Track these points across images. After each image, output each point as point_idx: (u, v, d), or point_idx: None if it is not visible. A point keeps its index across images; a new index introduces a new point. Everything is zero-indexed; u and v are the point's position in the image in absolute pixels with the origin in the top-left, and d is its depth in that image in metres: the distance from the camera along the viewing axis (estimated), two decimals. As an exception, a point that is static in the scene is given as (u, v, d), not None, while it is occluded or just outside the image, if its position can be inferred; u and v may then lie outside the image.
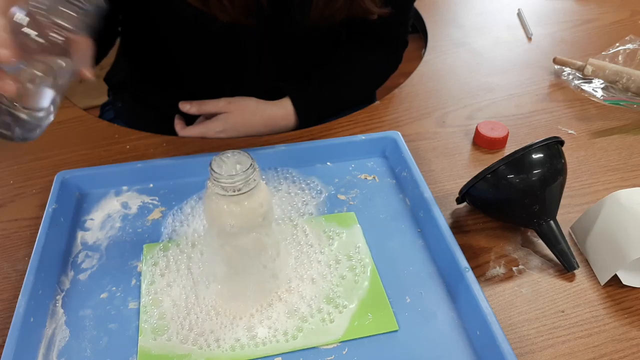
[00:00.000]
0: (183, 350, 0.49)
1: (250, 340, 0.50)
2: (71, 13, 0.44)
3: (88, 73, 0.48)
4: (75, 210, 0.63)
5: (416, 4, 0.82)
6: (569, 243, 0.58)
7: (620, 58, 0.91)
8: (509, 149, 0.73)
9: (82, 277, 0.56)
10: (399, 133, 0.70)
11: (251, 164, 0.46)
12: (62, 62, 0.46)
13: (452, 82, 0.88)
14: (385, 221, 0.62)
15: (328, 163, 0.70)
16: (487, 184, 0.58)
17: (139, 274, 0.56)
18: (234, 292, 0.53)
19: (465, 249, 0.57)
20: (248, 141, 0.74)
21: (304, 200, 0.65)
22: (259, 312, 0.52)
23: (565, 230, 0.61)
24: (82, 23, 0.45)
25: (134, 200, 0.64)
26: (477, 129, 0.74)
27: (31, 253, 0.54)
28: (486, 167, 0.57)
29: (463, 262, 0.53)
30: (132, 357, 0.49)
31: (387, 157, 0.71)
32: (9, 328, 0.48)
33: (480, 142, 0.74)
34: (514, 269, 0.58)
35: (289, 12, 0.70)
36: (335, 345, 0.50)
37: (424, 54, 0.96)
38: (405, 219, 0.62)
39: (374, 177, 0.68)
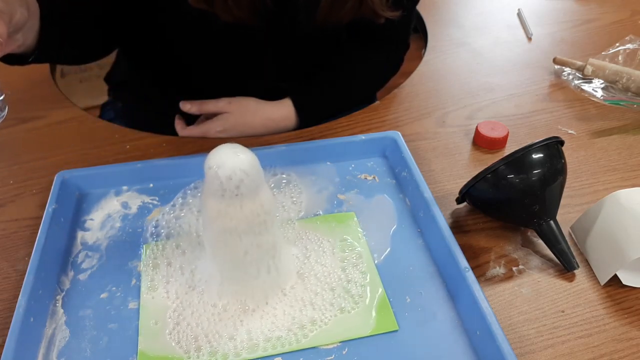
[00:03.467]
0: (183, 350, 0.49)
1: (250, 340, 0.50)
2: None
3: None
4: (75, 210, 0.63)
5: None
6: (569, 243, 0.58)
7: (620, 58, 0.91)
8: (509, 149, 0.73)
9: (82, 277, 0.56)
10: (399, 133, 0.70)
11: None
12: None
13: (452, 82, 0.88)
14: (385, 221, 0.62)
15: (328, 163, 0.70)
16: (487, 184, 0.58)
17: (139, 274, 0.56)
18: (234, 292, 0.53)
19: (465, 249, 0.57)
20: (248, 141, 0.74)
21: (304, 200, 0.64)
22: (259, 312, 0.52)
23: (565, 230, 0.61)
24: None
25: (134, 200, 0.64)
26: (477, 129, 0.74)
27: (31, 253, 0.54)
28: (486, 167, 0.57)
29: (463, 262, 0.53)
30: (132, 357, 0.49)
31: (387, 157, 0.71)
32: (9, 328, 0.48)
33: (480, 142, 0.74)
34: (514, 269, 0.58)
35: (293, 14, 0.69)
36: (335, 345, 0.50)
37: (424, 54, 0.96)
38: (405, 219, 0.62)
39: (374, 177, 0.68)
